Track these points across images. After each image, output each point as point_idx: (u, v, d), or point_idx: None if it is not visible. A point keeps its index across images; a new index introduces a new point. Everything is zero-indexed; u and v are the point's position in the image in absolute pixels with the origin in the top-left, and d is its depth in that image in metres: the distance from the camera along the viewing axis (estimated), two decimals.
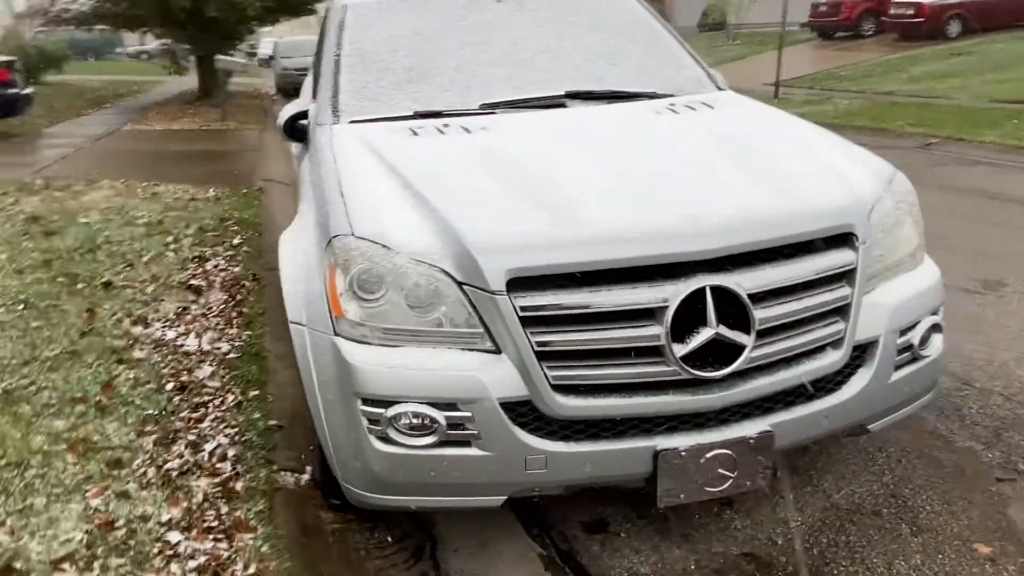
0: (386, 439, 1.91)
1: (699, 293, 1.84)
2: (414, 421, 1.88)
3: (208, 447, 2.54)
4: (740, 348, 1.88)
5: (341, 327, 1.97)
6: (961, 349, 3.32)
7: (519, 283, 1.85)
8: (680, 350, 1.85)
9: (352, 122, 2.81)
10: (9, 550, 2.00)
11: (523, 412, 1.89)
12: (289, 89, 20.96)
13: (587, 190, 2.11)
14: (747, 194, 2.10)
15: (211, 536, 2.08)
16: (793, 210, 2.05)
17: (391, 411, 1.88)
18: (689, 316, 1.85)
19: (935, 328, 2.25)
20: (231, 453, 2.51)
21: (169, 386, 2.97)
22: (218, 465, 2.45)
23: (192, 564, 1.97)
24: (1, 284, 4.08)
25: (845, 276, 2.04)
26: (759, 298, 1.91)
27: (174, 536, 2.07)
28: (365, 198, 2.17)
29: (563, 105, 2.85)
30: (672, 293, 1.84)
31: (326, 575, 2.10)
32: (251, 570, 1.96)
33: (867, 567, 2.14)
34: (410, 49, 3.18)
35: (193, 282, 4.24)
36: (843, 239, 2.05)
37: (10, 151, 9.81)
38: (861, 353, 2.10)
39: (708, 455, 1.92)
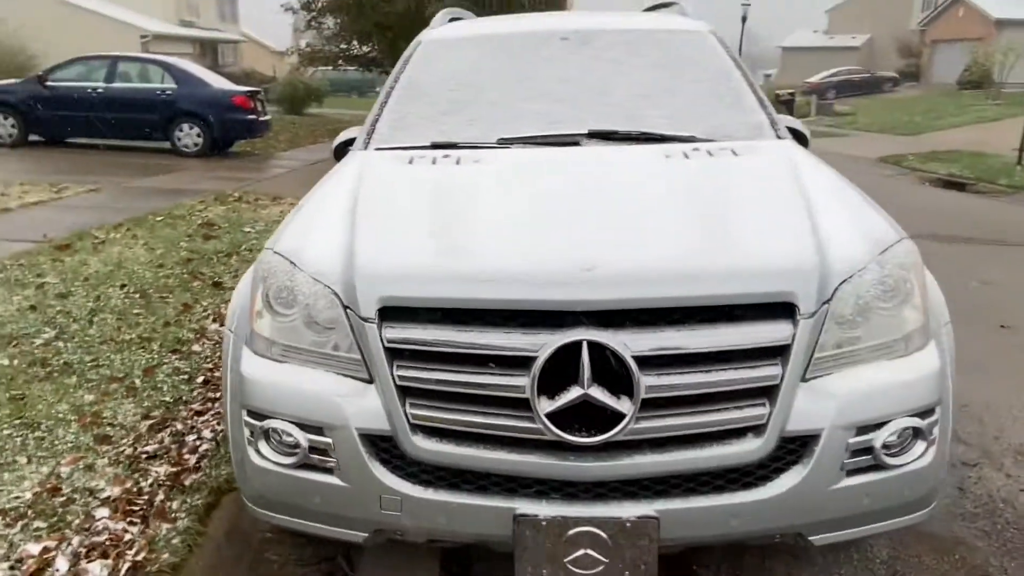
0: (260, 453, 1.92)
1: (577, 347, 1.67)
2: (282, 438, 1.88)
3: (189, 439, 2.71)
4: (620, 416, 1.67)
5: (253, 340, 2.02)
6: None
7: (391, 312, 1.79)
8: (546, 407, 1.67)
9: (378, 149, 2.90)
10: None
11: (385, 448, 1.82)
12: None
13: (503, 227, 2.00)
14: (671, 246, 1.87)
15: (129, 519, 2.21)
16: (716, 269, 1.78)
17: (263, 424, 1.90)
18: (568, 373, 1.68)
19: (918, 434, 1.83)
20: (204, 448, 2.66)
21: (199, 379, 3.22)
22: (186, 457, 2.60)
23: (96, 539, 2.11)
24: (139, 276, 4.68)
25: (777, 352, 1.74)
26: (652, 363, 1.68)
27: (101, 512, 2.23)
28: (309, 216, 2.24)
29: (577, 144, 2.73)
30: (544, 343, 1.68)
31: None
32: (139, 557, 2.06)
33: None
34: (460, 83, 3.23)
35: None
36: (782, 308, 1.75)
37: (237, 168, 11.25)
38: (799, 447, 1.77)
39: (573, 530, 1.71)
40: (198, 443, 2.70)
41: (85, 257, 5.08)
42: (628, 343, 1.67)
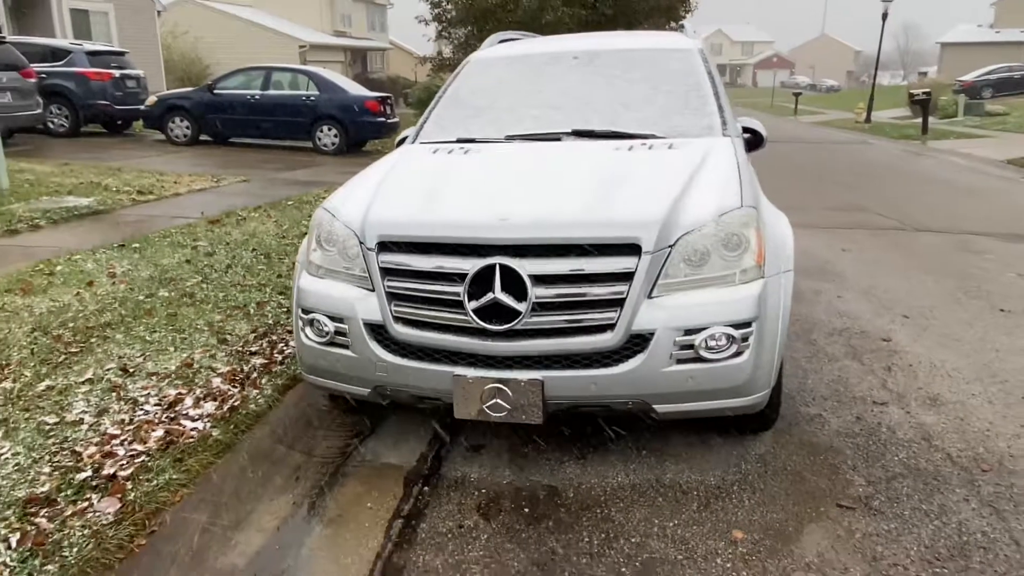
0: (307, 336, 2.99)
1: (493, 269, 2.61)
2: (320, 326, 2.94)
3: (279, 346, 3.86)
4: (518, 313, 2.60)
5: (308, 266, 3.10)
6: None
7: (386, 246, 2.80)
8: (473, 305, 2.63)
9: (420, 143, 3.94)
10: (141, 367, 3.51)
11: (379, 332, 2.82)
12: None
13: (465, 194, 2.97)
14: (563, 206, 2.76)
15: (233, 384, 3.36)
16: (587, 220, 2.66)
17: (309, 317, 2.96)
18: (488, 285, 2.62)
19: (731, 340, 2.62)
20: (288, 352, 3.80)
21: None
22: (275, 356, 3.74)
23: (211, 392, 3.27)
24: (266, 243, 6.00)
25: (627, 277, 2.59)
26: (540, 280, 2.59)
27: (215, 380, 3.40)
28: (351, 186, 3.29)
29: (559, 139, 3.64)
30: (472, 265, 2.64)
31: (280, 426, 3.23)
32: (236, 405, 3.19)
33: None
34: (488, 93, 4.21)
35: None
36: (631, 248, 2.61)
37: (365, 163, 12.72)
38: (641, 341, 2.62)
39: (488, 386, 2.65)
40: (285, 349, 3.84)
41: (229, 229, 6.50)
42: (526, 267, 2.59)
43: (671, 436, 3.18)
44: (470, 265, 2.63)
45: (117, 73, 14.80)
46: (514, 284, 2.59)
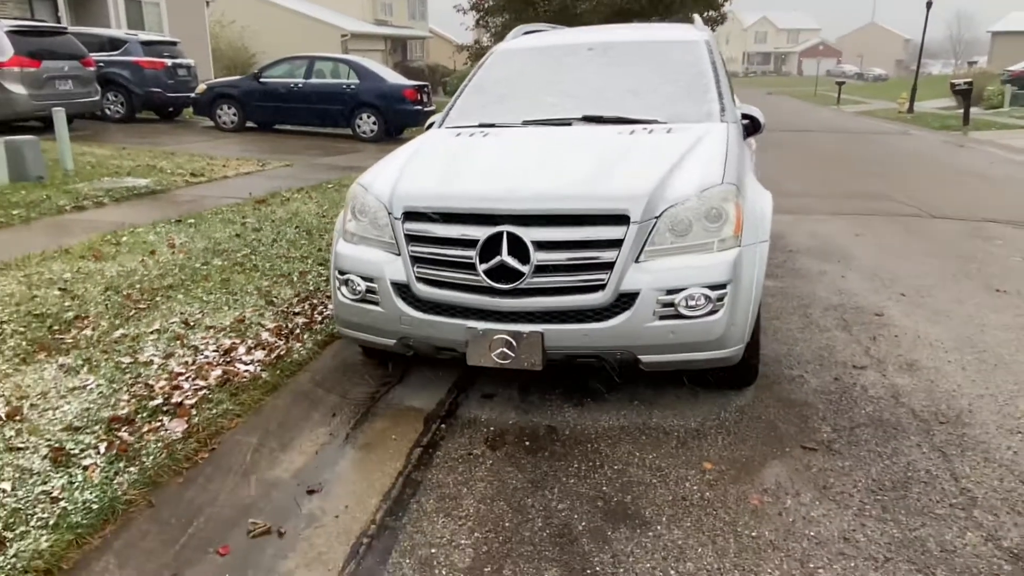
0: (342, 294, 3.45)
1: (501, 236, 3.04)
2: (354, 285, 3.39)
3: (320, 308, 4.34)
4: (521, 274, 3.02)
5: (345, 234, 3.55)
6: None
7: (410, 216, 3.24)
8: (483, 267, 3.06)
9: (447, 127, 4.37)
10: (200, 321, 4.01)
11: (404, 290, 3.26)
12: None
13: (480, 171, 3.40)
14: (568, 181, 3.17)
15: (279, 338, 3.85)
16: (582, 193, 3.06)
17: (344, 277, 3.42)
18: (497, 249, 3.05)
19: (708, 299, 3.01)
20: (327, 313, 4.27)
21: None
22: (316, 317, 4.23)
23: (260, 342, 3.76)
24: (307, 221, 6.51)
25: (617, 244, 2.99)
26: (542, 246, 3.01)
27: (264, 334, 3.89)
28: (383, 164, 3.73)
29: (570, 124, 4.04)
30: (483, 233, 3.06)
31: (319, 374, 3.70)
32: (282, 353, 3.67)
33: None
34: (510, 82, 4.62)
35: None
36: (621, 219, 3.00)
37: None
38: (629, 300, 3.02)
39: (496, 336, 3.07)
40: (324, 311, 4.32)
41: (274, 208, 7.03)
42: (530, 234, 3.01)
43: (663, 389, 3.57)
44: (482, 232, 3.06)
45: (169, 62, 15.52)
46: (519, 249, 3.01)
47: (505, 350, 3.08)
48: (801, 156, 14.06)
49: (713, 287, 3.02)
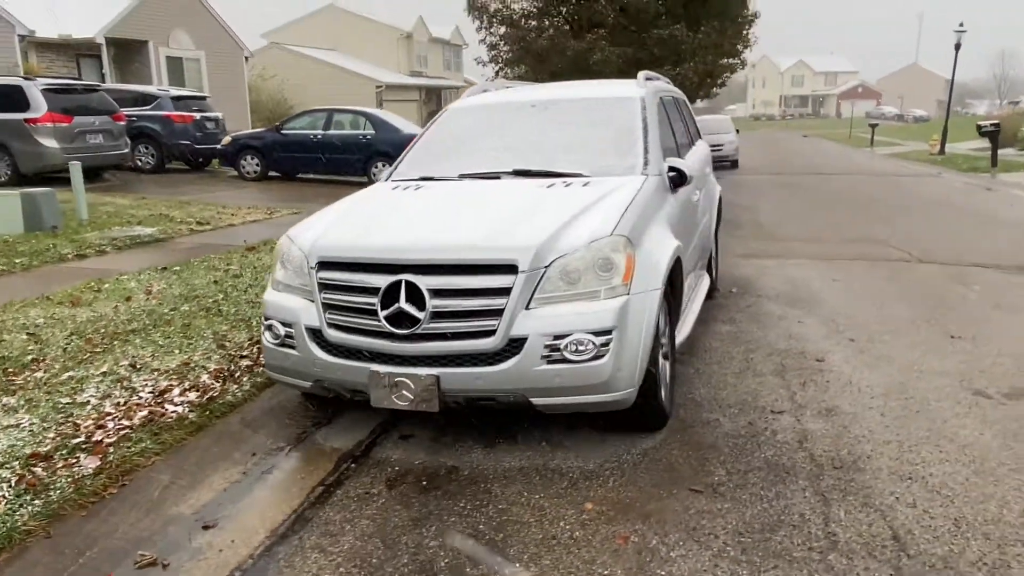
0: (266, 338, 3.66)
1: (400, 283, 3.23)
2: (276, 330, 3.60)
3: None
4: (418, 320, 3.20)
5: (273, 282, 3.79)
6: None
7: (324, 265, 3.46)
8: (384, 313, 3.25)
9: (392, 180, 4.61)
10: (147, 364, 4.26)
11: (317, 335, 3.46)
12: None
13: (400, 223, 3.61)
14: (468, 232, 3.35)
15: (217, 380, 4.07)
16: (475, 245, 3.24)
17: (268, 323, 3.64)
18: (397, 296, 3.24)
19: (592, 345, 3.14)
20: None
21: None
22: (261, 360, 4.45)
23: (195, 384, 3.98)
24: None
25: (504, 291, 3.16)
26: (437, 293, 3.19)
27: (204, 376, 4.12)
28: (316, 216, 3.98)
29: (499, 177, 4.24)
30: (385, 281, 3.26)
31: (252, 414, 3.90)
32: (215, 395, 3.89)
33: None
34: (455, 139, 4.87)
35: None
36: (509, 268, 3.17)
37: None
38: (518, 345, 3.17)
39: (396, 380, 3.24)
40: None
41: (262, 255, 7.36)
42: (426, 282, 3.20)
43: (575, 431, 3.68)
44: (383, 281, 3.26)
45: (198, 115, 16.29)
46: (417, 297, 3.19)
47: (405, 392, 3.25)
48: (812, 200, 14.06)
49: (597, 333, 3.15)
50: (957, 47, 28.46)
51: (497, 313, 3.16)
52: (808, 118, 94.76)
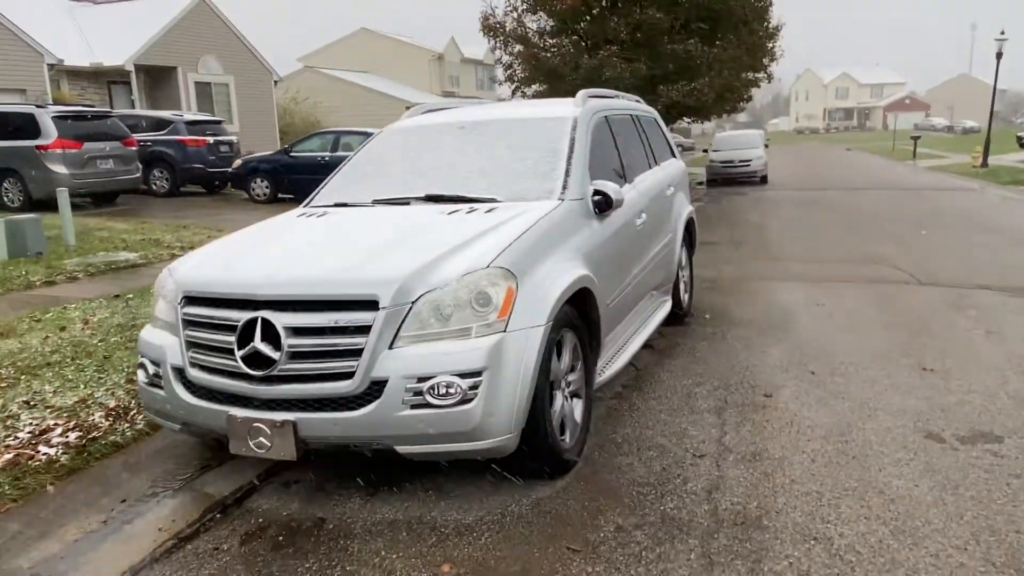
0: (139, 377, 3.47)
1: (256, 321, 3.00)
2: (146, 370, 3.41)
3: None
4: (274, 360, 2.96)
5: (152, 318, 3.59)
6: None
7: (188, 300, 3.25)
8: (240, 353, 3.02)
9: (308, 206, 4.41)
10: (44, 400, 4.11)
11: (181, 375, 3.26)
12: (718, 180, 22.46)
13: (272, 255, 3.40)
14: (332, 265, 3.12)
15: (109, 419, 3.89)
16: (334, 279, 3.00)
17: (141, 360, 3.45)
18: (253, 334, 3.01)
19: (458, 388, 2.85)
20: None
21: None
22: None
23: (84, 423, 3.80)
24: None
25: (364, 329, 2.90)
26: (294, 331, 2.96)
27: (97, 414, 3.94)
28: (206, 247, 3.79)
29: (408, 203, 4.00)
30: (242, 318, 3.04)
31: (136, 457, 3.71)
32: (99, 435, 3.70)
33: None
34: (380, 161, 4.65)
35: None
36: (369, 303, 2.92)
37: None
38: (380, 388, 2.90)
39: (252, 425, 3.01)
40: None
41: None
42: (282, 320, 2.97)
43: (472, 477, 3.39)
44: (240, 317, 3.03)
45: (211, 139, 16.46)
46: (274, 335, 2.96)
47: (262, 439, 3.01)
48: (828, 217, 13.51)
49: (464, 375, 2.88)
50: (999, 56, 27.47)
51: (356, 353, 2.91)
52: (853, 131, 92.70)
